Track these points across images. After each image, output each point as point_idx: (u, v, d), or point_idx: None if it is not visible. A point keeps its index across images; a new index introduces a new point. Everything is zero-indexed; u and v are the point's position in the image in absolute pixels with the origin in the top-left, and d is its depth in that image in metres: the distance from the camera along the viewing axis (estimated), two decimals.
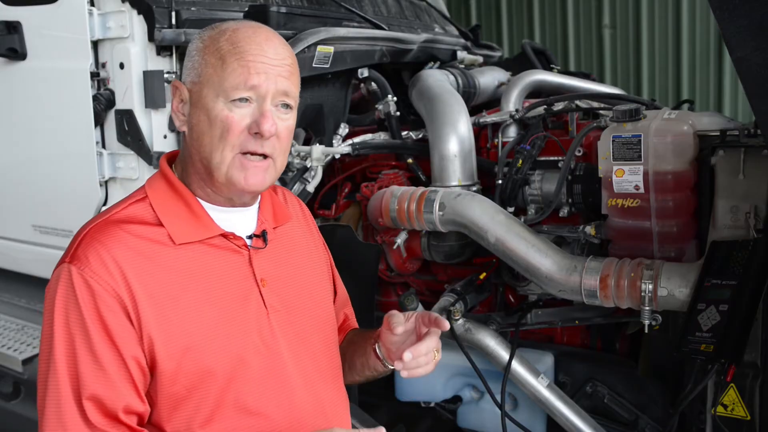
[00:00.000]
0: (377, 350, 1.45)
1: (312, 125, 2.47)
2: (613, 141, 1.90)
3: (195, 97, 1.25)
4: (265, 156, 1.25)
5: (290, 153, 2.33)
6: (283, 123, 1.26)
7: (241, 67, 1.21)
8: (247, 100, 1.22)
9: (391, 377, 2.37)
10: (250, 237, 1.33)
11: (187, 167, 1.30)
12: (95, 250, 1.17)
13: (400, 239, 2.31)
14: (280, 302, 1.33)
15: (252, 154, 1.23)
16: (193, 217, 1.27)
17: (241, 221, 1.33)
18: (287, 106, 1.27)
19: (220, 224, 1.29)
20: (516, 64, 3.15)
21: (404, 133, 2.50)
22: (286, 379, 1.30)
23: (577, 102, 2.25)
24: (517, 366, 2.08)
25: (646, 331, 1.85)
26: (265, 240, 1.34)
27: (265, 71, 1.22)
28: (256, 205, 1.37)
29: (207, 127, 1.23)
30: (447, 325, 1.34)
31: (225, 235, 1.28)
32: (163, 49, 2.07)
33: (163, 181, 1.30)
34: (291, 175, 2.32)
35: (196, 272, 1.23)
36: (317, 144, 2.36)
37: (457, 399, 2.31)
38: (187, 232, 1.25)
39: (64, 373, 1.14)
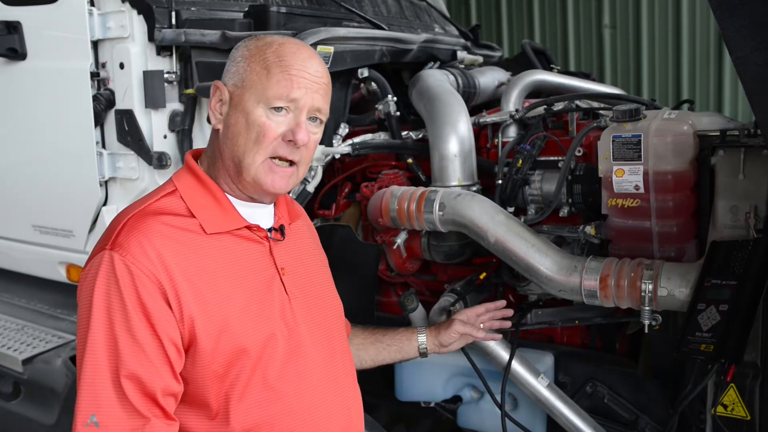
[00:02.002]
0: (422, 350, 1.89)
1: None
2: (613, 141, 1.90)
3: (236, 100, 1.35)
4: (291, 163, 1.36)
5: None
6: (313, 136, 1.38)
7: (285, 79, 1.32)
8: (285, 110, 1.33)
9: (391, 378, 2.37)
10: (269, 230, 1.43)
11: (215, 163, 1.39)
12: (135, 238, 1.25)
13: (400, 239, 2.31)
14: (299, 290, 1.44)
15: (281, 159, 1.34)
16: (222, 209, 1.36)
17: (261, 216, 1.43)
18: (318, 120, 1.39)
19: (244, 217, 1.39)
20: (516, 64, 3.15)
21: (404, 133, 2.50)
22: (307, 359, 1.40)
23: (577, 102, 2.25)
24: (517, 366, 2.08)
25: (646, 331, 1.84)
26: (282, 233, 1.45)
27: (306, 86, 1.33)
28: (272, 204, 1.48)
29: (244, 129, 1.33)
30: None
31: (249, 227, 1.38)
32: (163, 49, 2.07)
33: (191, 176, 1.39)
34: None
35: (227, 259, 1.33)
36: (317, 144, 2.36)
37: (457, 399, 2.31)
38: (217, 222, 1.34)
39: (102, 353, 1.19)
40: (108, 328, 1.20)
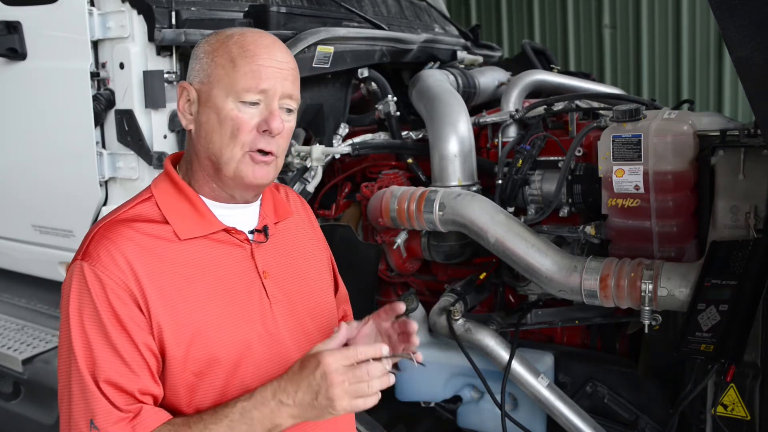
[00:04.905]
0: None
1: (312, 125, 2.48)
2: (613, 141, 1.90)
3: (204, 97, 1.31)
4: (270, 154, 1.31)
5: (290, 153, 2.34)
6: (287, 123, 1.33)
7: (252, 71, 1.28)
8: (256, 102, 1.29)
9: None
10: (252, 232, 1.39)
11: (192, 165, 1.36)
12: (105, 247, 1.23)
13: (400, 239, 2.31)
14: (282, 293, 1.39)
15: (260, 152, 1.30)
16: (197, 213, 1.33)
17: (244, 217, 1.39)
18: (290, 108, 1.34)
19: (223, 220, 1.35)
20: (516, 64, 3.15)
21: (404, 133, 2.50)
22: (288, 365, 1.34)
23: (577, 102, 2.25)
24: (517, 366, 2.08)
25: (646, 331, 1.85)
26: (266, 234, 1.40)
27: (274, 75, 1.29)
28: (257, 202, 1.43)
29: (217, 125, 1.29)
30: (401, 308, 1.37)
31: (227, 230, 1.34)
32: (163, 49, 2.07)
33: (167, 182, 1.36)
34: (291, 175, 2.33)
35: (202, 265, 1.30)
36: (317, 144, 2.36)
37: (457, 399, 2.31)
38: (191, 227, 1.31)
39: (83, 363, 1.20)
40: (84, 337, 1.20)
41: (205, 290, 1.28)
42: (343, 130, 2.48)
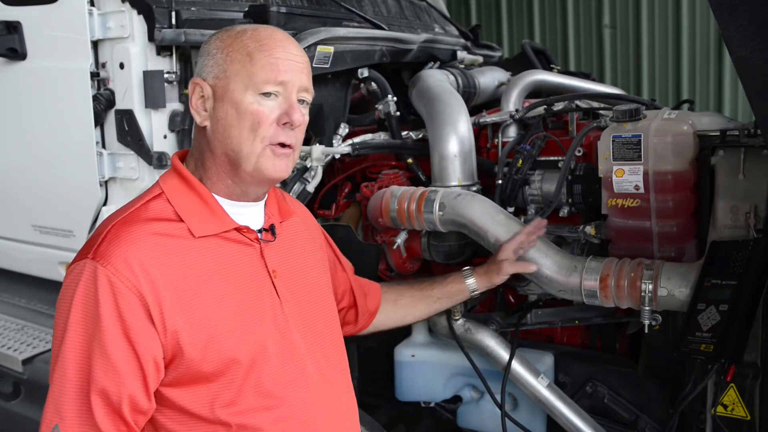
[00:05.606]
0: (473, 294, 1.92)
1: (312, 125, 2.46)
2: (613, 141, 1.90)
3: (220, 92, 1.31)
4: (288, 146, 1.33)
5: None
6: (304, 117, 1.36)
7: (270, 63, 1.29)
8: (274, 94, 1.30)
9: (390, 378, 2.37)
10: (259, 231, 1.39)
11: (203, 162, 1.35)
12: (118, 248, 1.21)
13: (400, 239, 2.31)
14: (291, 292, 1.40)
15: (281, 145, 1.31)
16: (210, 211, 1.32)
17: (252, 216, 1.39)
18: (305, 101, 1.37)
19: (233, 218, 1.35)
20: (516, 64, 3.15)
21: (404, 133, 2.50)
22: (300, 364, 1.36)
23: (577, 102, 2.25)
24: (517, 366, 2.08)
25: (646, 331, 1.85)
26: (273, 233, 1.40)
27: (291, 68, 1.32)
28: (263, 201, 1.43)
29: (235, 120, 1.29)
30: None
31: (238, 229, 1.34)
32: (163, 49, 2.07)
33: (177, 178, 1.35)
34: (291, 175, 2.32)
35: (215, 265, 1.29)
36: (317, 144, 2.36)
37: (457, 399, 2.31)
38: (205, 225, 1.31)
39: (72, 366, 1.17)
40: (82, 341, 1.17)
41: (219, 290, 1.27)
42: (343, 130, 2.48)
